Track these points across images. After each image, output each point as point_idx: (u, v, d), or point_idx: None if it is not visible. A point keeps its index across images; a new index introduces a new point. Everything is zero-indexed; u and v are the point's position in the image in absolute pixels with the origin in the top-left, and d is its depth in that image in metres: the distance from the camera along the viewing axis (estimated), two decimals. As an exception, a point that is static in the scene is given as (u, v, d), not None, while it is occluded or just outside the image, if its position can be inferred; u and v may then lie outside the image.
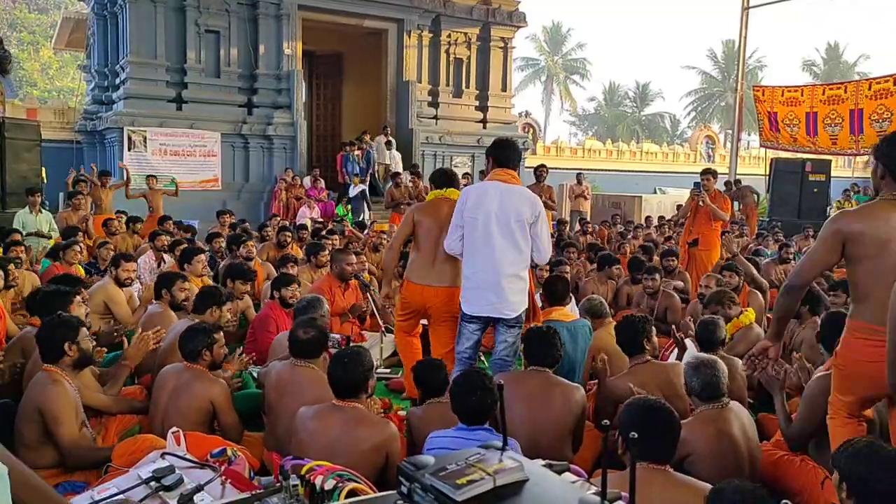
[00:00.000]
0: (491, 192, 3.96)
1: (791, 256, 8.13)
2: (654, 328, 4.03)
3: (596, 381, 4.42)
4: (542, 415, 3.32)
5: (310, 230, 10.04)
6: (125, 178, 11.69)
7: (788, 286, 2.96)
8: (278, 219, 11.48)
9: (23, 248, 6.68)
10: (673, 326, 4.96)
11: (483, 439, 2.75)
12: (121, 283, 5.66)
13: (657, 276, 6.32)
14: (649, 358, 3.87)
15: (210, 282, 6.23)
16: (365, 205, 14.11)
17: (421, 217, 4.45)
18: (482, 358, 5.28)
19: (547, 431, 3.30)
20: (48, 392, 3.17)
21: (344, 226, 10.78)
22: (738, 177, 16.50)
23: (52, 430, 3.12)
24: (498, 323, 4.06)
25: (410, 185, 12.76)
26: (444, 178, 4.64)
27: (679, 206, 13.16)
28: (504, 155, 4.08)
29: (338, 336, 4.16)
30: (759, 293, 6.11)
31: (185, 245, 7.09)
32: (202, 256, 6.19)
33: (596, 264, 7.49)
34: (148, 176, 11.80)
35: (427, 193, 12.81)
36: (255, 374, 4.52)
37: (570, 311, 4.81)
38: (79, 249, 6.81)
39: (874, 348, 2.65)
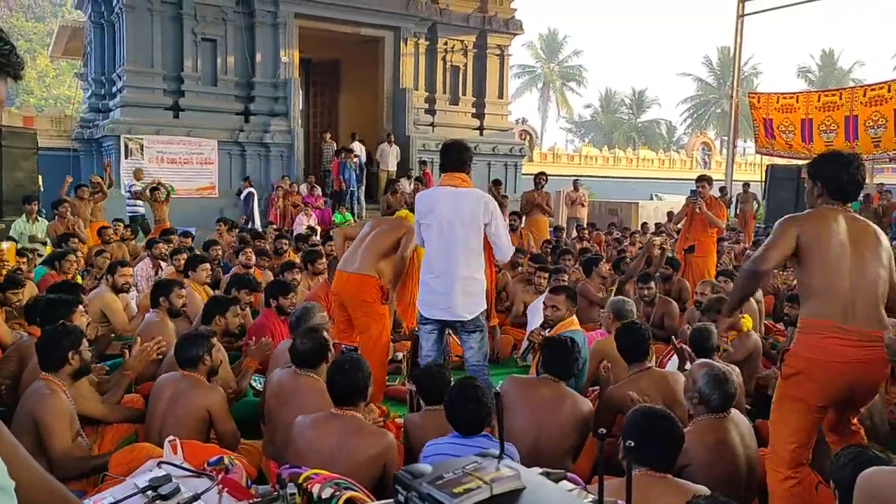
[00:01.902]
0: (442, 197, 4.00)
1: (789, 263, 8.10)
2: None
3: (597, 387, 4.42)
4: (549, 424, 3.32)
5: (306, 237, 10.02)
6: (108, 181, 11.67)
7: (755, 271, 2.95)
8: (274, 226, 11.48)
9: (24, 259, 6.67)
10: (674, 338, 4.94)
11: (482, 446, 2.75)
12: (118, 289, 5.65)
13: (652, 284, 6.32)
14: (650, 365, 3.88)
15: (210, 290, 6.22)
16: (256, 210, 13.48)
17: (369, 223, 5.14)
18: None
19: (551, 441, 3.30)
20: (43, 402, 3.17)
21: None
22: (745, 181, 16.53)
23: (44, 440, 3.11)
24: (457, 329, 4.09)
25: (414, 191, 12.73)
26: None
27: (670, 213, 13.20)
28: (449, 159, 4.09)
29: (349, 346, 4.19)
30: (752, 300, 6.11)
31: (191, 253, 7.09)
32: (207, 265, 6.19)
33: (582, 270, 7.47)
34: (152, 189, 11.69)
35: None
36: (253, 383, 4.51)
37: (574, 319, 4.82)
38: (74, 259, 6.78)
39: (846, 347, 2.73)
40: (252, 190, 13.61)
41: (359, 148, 15.33)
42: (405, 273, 4.83)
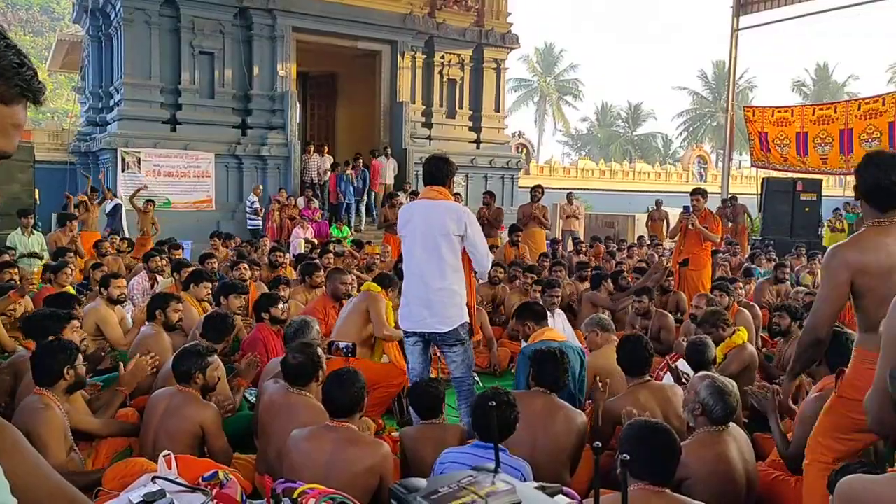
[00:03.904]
0: (417, 210, 4.05)
1: (786, 277, 8.09)
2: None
3: (591, 401, 4.40)
4: (543, 437, 3.31)
5: (304, 250, 10.02)
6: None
7: (816, 339, 2.76)
8: (265, 239, 11.48)
9: (15, 269, 6.65)
10: (669, 359, 4.93)
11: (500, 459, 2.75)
12: (113, 301, 5.64)
13: (645, 298, 6.33)
14: (649, 378, 3.88)
15: (209, 305, 6.18)
16: (124, 223, 12.66)
17: None
18: (477, 379, 5.26)
19: (546, 454, 3.28)
20: (37, 416, 3.15)
21: (344, 247, 10.76)
22: (733, 194, 16.60)
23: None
24: (436, 342, 4.07)
25: None
26: None
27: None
28: (430, 172, 4.11)
29: (348, 344, 4.17)
30: (746, 311, 6.12)
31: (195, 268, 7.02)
32: (209, 284, 6.04)
33: (589, 283, 7.48)
34: (146, 200, 11.76)
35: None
36: (248, 396, 4.50)
37: (560, 332, 4.81)
38: (69, 272, 6.77)
39: None
40: (119, 202, 12.93)
41: (329, 161, 15.58)
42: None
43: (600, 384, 3.99)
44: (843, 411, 2.76)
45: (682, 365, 4.47)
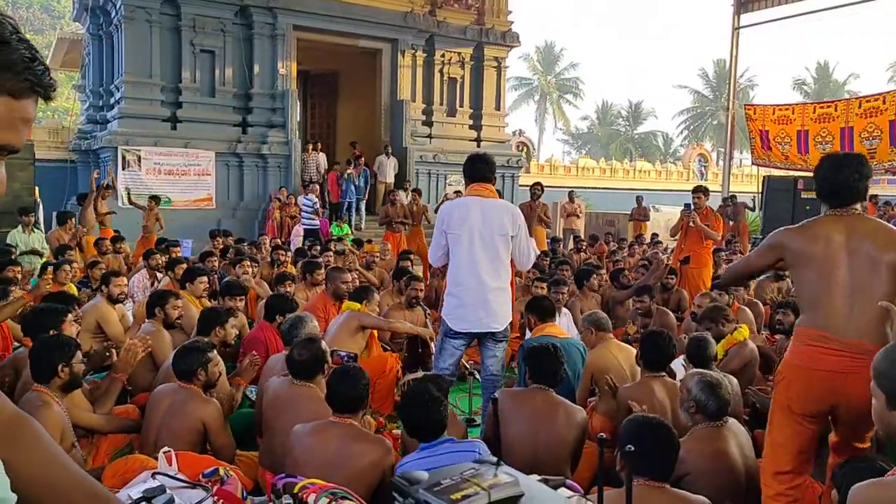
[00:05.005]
0: (472, 208, 4.00)
1: (787, 274, 8.10)
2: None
3: (595, 398, 4.40)
4: (544, 433, 3.30)
5: (304, 247, 10.00)
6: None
7: (714, 284, 3.11)
8: (266, 237, 11.46)
9: (19, 267, 6.64)
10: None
11: (447, 451, 2.72)
12: (114, 300, 5.62)
13: (646, 297, 6.31)
14: (663, 373, 3.90)
15: (208, 303, 6.17)
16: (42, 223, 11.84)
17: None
18: (477, 376, 5.24)
19: (548, 450, 3.28)
20: (35, 414, 3.14)
21: (344, 245, 10.74)
22: (733, 193, 16.58)
23: None
24: (485, 338, 4.07)
25: (411, 202, 12.66)
26: None
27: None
28: (477, 170, 4.10)
29: (350, 353, 4.16)
30: (748, 309, 6.12)
31: (188, 264, 7.00)
32: (205, 278, 6.02)
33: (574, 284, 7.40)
34: (150, 197, 11.75)
35: (425, 212, 12.77)
36: (248, 394, 4.49)
37: (565, 330, 4.81)
38: (69, 269, 6.76)
39: (827, 356, 2.67)
40: (38, 200, 12.36)
41: (323, 159, 15.59)
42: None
43: (605, 385, 3.98)
44: (777, 402, 2.84)
45: (676, 364, 4.47)
